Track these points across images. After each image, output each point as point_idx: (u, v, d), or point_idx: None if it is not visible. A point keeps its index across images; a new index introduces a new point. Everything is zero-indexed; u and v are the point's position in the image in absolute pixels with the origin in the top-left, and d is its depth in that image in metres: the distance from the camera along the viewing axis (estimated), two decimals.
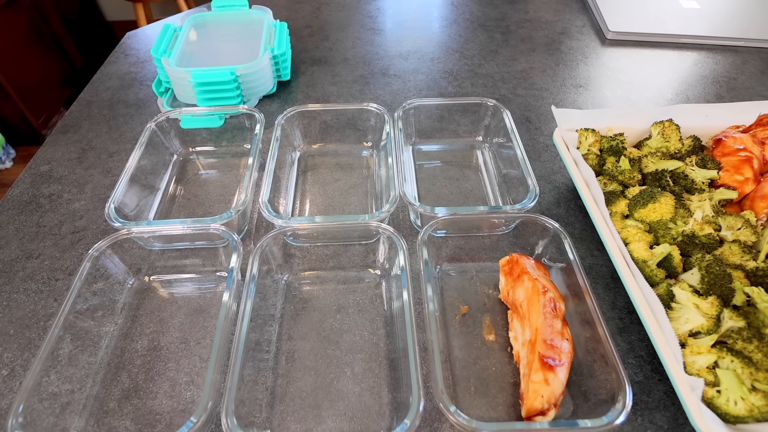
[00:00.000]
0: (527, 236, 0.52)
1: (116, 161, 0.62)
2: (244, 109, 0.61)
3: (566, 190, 0.58)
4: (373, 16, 0.95)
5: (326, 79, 0.77)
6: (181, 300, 0.47)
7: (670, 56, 0.83)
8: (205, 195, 0.58)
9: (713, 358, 0.37)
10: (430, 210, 0.47)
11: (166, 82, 0.69)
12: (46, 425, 0.37)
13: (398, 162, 0.52)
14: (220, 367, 0.37)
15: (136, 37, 0.88)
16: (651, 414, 0.39)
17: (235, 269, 0.43)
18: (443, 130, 0.65)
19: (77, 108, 0.71)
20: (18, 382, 0.41)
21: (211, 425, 0.38)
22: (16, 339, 0.44)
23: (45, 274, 0.49)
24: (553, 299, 0.40)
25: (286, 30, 0.74)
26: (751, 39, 0.84)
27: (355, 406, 0.40)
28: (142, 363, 0.43)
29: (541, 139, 0.66)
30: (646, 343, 0.44)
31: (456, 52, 0.84)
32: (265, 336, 0.44)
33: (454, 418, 0.33)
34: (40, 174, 0.60)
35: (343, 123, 0.63)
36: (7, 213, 0.56)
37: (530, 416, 0.36)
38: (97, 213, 0.55)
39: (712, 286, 0.39)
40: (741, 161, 0.48)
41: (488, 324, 0.45)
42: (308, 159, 0.63)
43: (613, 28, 0.86)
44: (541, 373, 0.36)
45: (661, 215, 0.45)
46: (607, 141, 0.53)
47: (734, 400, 0.34)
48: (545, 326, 0.38)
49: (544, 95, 0.74)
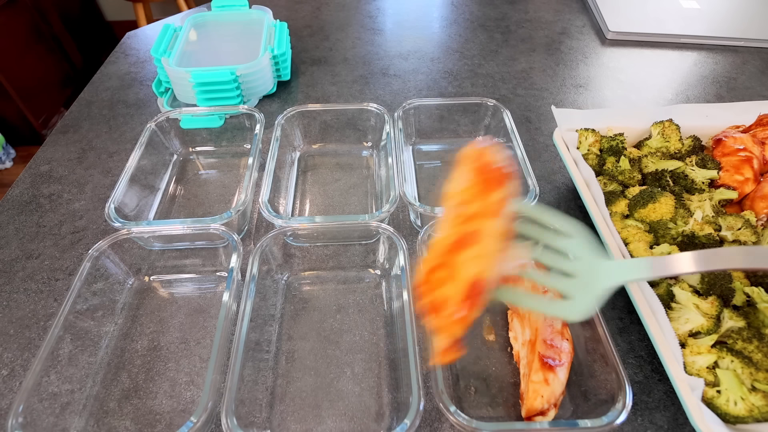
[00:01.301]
0: None
1: (116, 161, 0.62)
2: (244, 109, 0.61)
3: (566, 190, 0.58)
4: (373, 16, 0.95)
5: (326, 79, 0.77)
6: (181, 300, 0.47)
7: (670, 56, 0.83)
8: (205, 195, 0.58)
9: (713, 358, 0.37)
10: (430, 210, 0.47)
11: (166, 82, 0.69)
12: (46, 425, 0.37)
13: (398, 162, 0.52)
14: (220, 367, 0.37)
15: (136, 37, 0.88)
16: (651, 414, 0.39)
17: (235, 269, 0.43)
18: (443, 130, 0.65)
19: (77, 108, 0.71)
20: (18, 382, 0.41)
21: (211, 425, 0.38)
22: (16, 339, 0.44)
23: (45, 274, 0.49)
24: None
25: (286, 30, 0.74)
26: (751, 39, 0.84)
27: (355, 406, 0.40)
28: (142, 363, 0.43)
29: (541, 139, 0.66)
30: (646, 343, 0.44)
31: (456, 52, 0.84)
32: (265, 336, 0.44)
33: (454, 418, 0.33)
34: (40, 174, 0.60)
35: (343, 123, 0.63)
36: (7, 213, 0.56)
37: (530, 416, 0.36)
38: (97, 213, 0.55)
39: (712, 286, 0.39)
40: (741, 161, 0.48)
41: (488, 324, 0.45)
42: (308, 159, 0.63)
43: (613, 28, 0.86)
44: (541, 373, 0.36)
45: (661, 215, 0.45)
46: (607, 141, 0.53)
47: (734, 400, 0.34)
48: (545, 326, 0.38)
49: (544, 95, 0.74)
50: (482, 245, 0.27)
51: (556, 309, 0.33)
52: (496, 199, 0.29)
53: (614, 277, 0.33)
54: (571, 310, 0.32)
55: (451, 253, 0.28)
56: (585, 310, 0.32)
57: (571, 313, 0.32)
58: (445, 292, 0.27)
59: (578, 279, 0.33)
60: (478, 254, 0.27)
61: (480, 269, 0.26)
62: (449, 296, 0.26)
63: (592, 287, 0.32)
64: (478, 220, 0.29)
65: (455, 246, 0.28)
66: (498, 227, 0.28)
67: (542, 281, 0.34)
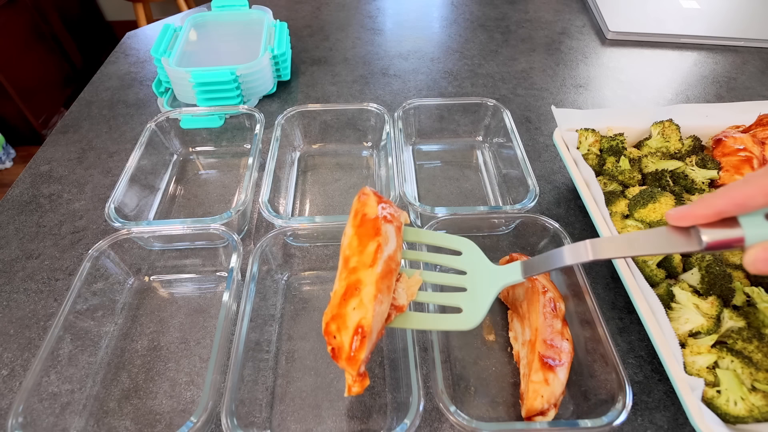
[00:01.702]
0: (527, 236, 0.52)
1: (116, 161, 0.62)
2: (244, 109, 0.61)
3: (566, 190, 0.58)
4: (373, 16, 0.95)
5: (326, 79, 0.77)
6: (181, 300, 0.47)
7: (670, 56, 0.83)
8: (205, 195, 0.58)
9: (713, 358, 0.37)
10: (430, 210, 0.47)
11: (166, 82, 0.69)
12: (46, 425, 0.37)
13: (398, 162, 0.52)
14: (220, 367, 0.37)
15: (136, 37, 0.88)
16: (651, 414, 0.39)
17: (235, 269, 0.43)
18: (443, 130, 0.65)
19: (77, 108, 0.71)
20: (18, 382, 0.41)
21: (211, 425, 0.38)
22: (16, 339, 0.44)
23: (45, 274, 0.49)
24: (553, 299, 0.40)
25: (286, 30, 0.74)
26: (751, 39, 0.84)
27: (355, 406, 0.40)
28: (142, 363, 0.43)
29: (541, 139, 0.66)
30: (646, 343, 0.44)
31: (456, 52, 0.84)
32: (265, 336, 0.44)
33: (454, 418, 0.33)
34: (40, 174, 0.60)
35: (343, 123, 0.63)
36: (7, 213, 0.56)
37: (530, 416, 0.36)
38: (97, 213, 0.55)
39: (712, 286, 0.39)
40: (741, 161, 0.48)
41: (488, 324, 0.45)
42: (308, 159, 0.63)
43: (613, 28, 0.86)
44: (541, 373, 0.36)
45: (661, 215, 0.45)
46: (607, 141, 0.53)
47: (734, 400, 0.34)
48: (545, 326, 0.38)
49: (544, 95, 0.74)
50: (361, 295, 0.32)
51: (449, 323, 0.35)
52: (372, 250, 0.33)
53: (496, 282, 0.36)
54: (464, 321, 0.35)
55: (340, 305, 0.32)
56: (475, 319, 0.35)
57: (464, 324, 0.35)
58: (339, 341, 0.31)
59: (468, 291, 0.37)
60: (358, 304, 0.31)
61: (360, 317, 0.31)
62: (342, 343, 0.31)
63: (480, 296, 0.36)
64: (357, 272, 0.33)
65: (342, 298, 0.32)
66: (374, 275, 0.32)
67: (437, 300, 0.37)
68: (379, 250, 0.33)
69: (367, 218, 0.36)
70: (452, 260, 0.38)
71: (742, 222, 0.26)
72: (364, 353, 0.31)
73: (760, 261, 0.25)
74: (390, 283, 0.34)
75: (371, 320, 0.31)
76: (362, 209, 0.37)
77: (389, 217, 0.36)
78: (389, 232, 0.35)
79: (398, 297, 0.35)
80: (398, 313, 0.34)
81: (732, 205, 0.26)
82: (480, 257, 0.38)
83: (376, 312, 0.31)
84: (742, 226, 0.26)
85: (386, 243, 0.34)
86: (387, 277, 0.33)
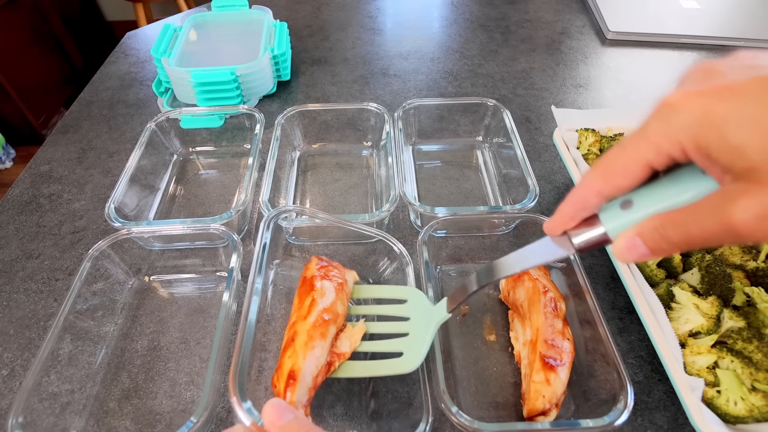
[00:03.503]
0: (527, 236, 0.52)
1: (116, 161, 0.62)
2: (244, 109, 0.61)
3: (566, 190, 0.58)
4: (373, 16, 0.95)
5: (326, 79, 0.77)
6: (181, 300, 0.47)
7: (670, 56, 0.83)
8: (205, 195, 0.58)
9: (713, 358, 0.37)
10: (430, 210, 0.47)
11: (166, 82, 0.69)
12: (46, 425, 0.37)
13: (398, 162, 0.52)
14: (220, 367, 0.37)
15: (136, 37, 0.88)
16: (651, 414, 0.39)
17: (235, 269, 0.43)
18: (443, 130, 0.65)
19: (77, 108, 0.71)
20: (18, 382, 0.41)
21: (211, 425, 0.38)
22: (16, 339, 0.44)
23: (45, 274, 0.49)
24: (553, 299, 0.40)
25: (286, 30, 0.74)
26: (751, 39, 0.84)
27: (355, 406, 0.40)
28: (142, 363, 0.43)
29: (541, 139, 0.66)
30: (646, 343, 0.44)
31: (456, 52, 0.84)
32: (265, 336, 0.44)
33: (455, 418, 0.33)
34: (40, 174, 0.60)
35: (343, 123, 0.63)
36: (7, 213, 0.56)
37: (532, 416, 0.36)
38: (97, 213, 0.55)
39: (712, 286, 0.39)
40: None
41: (489, 324, 0.45)
42: (308, 159, 0.63)
43: (613, 28, 0.86)
44: (543, 373, 0.36)
45: None
46: (607, 141, 0.53)
47: (734, 401, 0.34)
48: (546, 326, 0.38)
49: (544, 95, 0.74)
50: (294, 344, 0.35)
51: (390, 368, 0.37)
52: (307, 304, 0.37)
53: (431, 323, 0.38)
54: (404, 365, 0.37)
55: (281, 357, 0.35)
56: (414, 362, 0.36)
57: (403, 368, 0.36)
58: (278, 388, 0.34)
59: (410, 336, 0.38)
60: (292, 352, 0.35)
61: (292, 363, 0.34)
62: (279, 390, 0.34)
63: (419, 339, 0.37)
64: (295, 325, 0.37)
65: (282, 351, 0.36)
66: (308, 325, 0.36)
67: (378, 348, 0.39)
68: (314, 303, 0.37)
69: (305, 279, 0.40)
70: (396, 309, 0.40)
71: (602, 217, 0.26)
72: (296, 396, 0.33)
73: (625, 251, 0.25)
74: (325, 330, 0.36)
75: (302, 365, 0.34)
76: (304, 273, 0.41)
77: (325, 274, 0.40)
78: (326, 287, 0.38)
79: (341, 345, 0.37)
80: (342, 360, 0.37)
81: (576, 209, 0.27)
82: (422, 302, 0.40)
83: (308, 356, 0.34)
84: (602, 221, 0.26)
85: (321, 296, 0.38)
86: (321, 326, 0.36)
